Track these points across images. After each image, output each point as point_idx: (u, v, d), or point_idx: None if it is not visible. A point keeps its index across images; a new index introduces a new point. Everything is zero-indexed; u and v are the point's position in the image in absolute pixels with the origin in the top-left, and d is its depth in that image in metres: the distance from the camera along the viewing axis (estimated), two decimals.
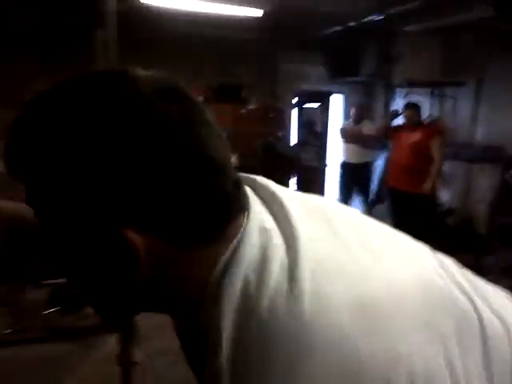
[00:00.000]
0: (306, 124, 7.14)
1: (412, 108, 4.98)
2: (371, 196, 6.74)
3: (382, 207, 6.72)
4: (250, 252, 0.53)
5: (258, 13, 4.69)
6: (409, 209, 4.83)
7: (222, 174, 0.54)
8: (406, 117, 5.01)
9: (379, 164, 7.20)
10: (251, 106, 6.36)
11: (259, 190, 0.64)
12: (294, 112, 7.32)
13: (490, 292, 0.71)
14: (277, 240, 0.55)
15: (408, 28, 5.24)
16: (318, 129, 6.96)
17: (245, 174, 0.67)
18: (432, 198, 4.93)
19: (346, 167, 6.41)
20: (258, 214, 0.58)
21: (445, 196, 5.73)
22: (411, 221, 4.82)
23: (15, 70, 5.66)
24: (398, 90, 6.33)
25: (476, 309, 0.62)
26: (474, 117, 5.67)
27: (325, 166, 6.66)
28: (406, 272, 0.59)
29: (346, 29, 5.78)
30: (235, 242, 0.54)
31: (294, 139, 7.36)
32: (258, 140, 5.96)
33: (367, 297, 0.52)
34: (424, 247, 0.72)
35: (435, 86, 5.95)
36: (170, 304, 0.59)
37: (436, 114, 5.92)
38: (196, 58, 6.41)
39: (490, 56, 5.15)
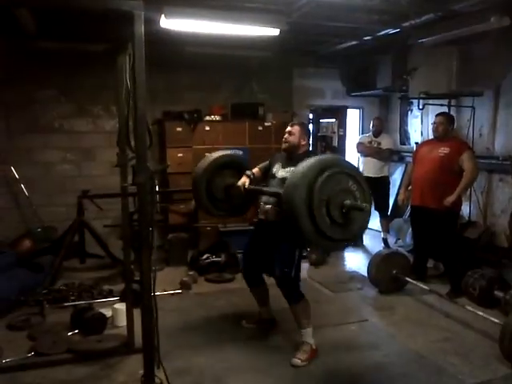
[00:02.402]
0: (322, 139, 7.13)
1: (441, 116, 4.73)
2: (389, 209, 6.67)
3: (400, 221, 6.65)
4: None
5: (274, 32, 4.71)
6: (432, 224, 4.63)
7: None
8: (434, 124, 4.72)
9: (396, 178, 7.14)
10: (268, 123, 6.37)
11: None
12: (311, 127, 7.32)
13: None
14: None
15: (424, 40, 5.22)
16: (335, 143, 6.94)
17: None
18: (456, 213, 4.71)
19: None
20: None
21: (464, 208, 5.61)
22: (433, 236, 4.71)
23: (39, 97, 5.80)
24: (415, 101, 6.28)
25: None
26: (492, 126, 5.59)
27: None
28: None
29: (361, 43, 5.78)
30: None
31: None
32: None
33: None
34: None
35: (452, 97, 5.89)
36: None
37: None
38: (214, 77, 6.49)
39: (507, 65, 5.09)
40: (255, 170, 3.64)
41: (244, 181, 3.49)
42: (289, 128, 3.44)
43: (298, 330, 3.35)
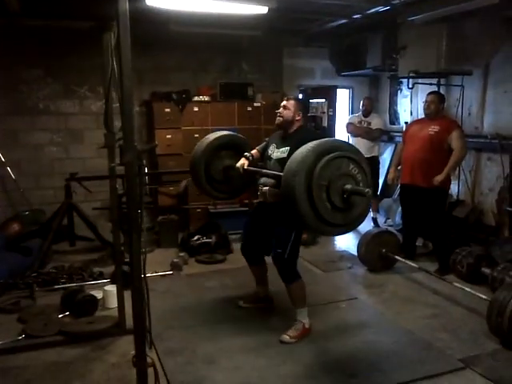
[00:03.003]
0: (312, 119, 7.08)
1: (432, 95, 4.74)
2: (379, 189, 6.68)
3: (390, 200, 6.68)
4: None
5: (262, 10, 4.63)
6: (421, 203, 4.66)
7: None
8: (425, 103, 4.74)
9: (386, 158, 7.15)
10: (257, 104, 6.32)
11: None
12: None
13: None
14: None
15: (414, 18, 5.16)
16: (325, 124, 6.91)
17: None
18: (446, 191, 4.74)
19: None
20: None
21: (453, 187, 5.64)
22: (422, 214, 4.74)
23: (26, 78, 5.69)
24: (404, 81, 6.26)
25: None
26: (481, 105, 5.60)
27: None
28: None
29: (351, 22, 5.72)
30: None
31: None
32: (264, 137, 5.92)
33: None
34: None
35: (441, 76, 5.88)
36: None
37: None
38: (202, 57, 6.40)
39: (496, 44, 5.07)
40: (254, 151, 3.60)
41: (243, 163, 3.47)
42: (284, 102, 3.36)
43: (293, 309, 3.38)
